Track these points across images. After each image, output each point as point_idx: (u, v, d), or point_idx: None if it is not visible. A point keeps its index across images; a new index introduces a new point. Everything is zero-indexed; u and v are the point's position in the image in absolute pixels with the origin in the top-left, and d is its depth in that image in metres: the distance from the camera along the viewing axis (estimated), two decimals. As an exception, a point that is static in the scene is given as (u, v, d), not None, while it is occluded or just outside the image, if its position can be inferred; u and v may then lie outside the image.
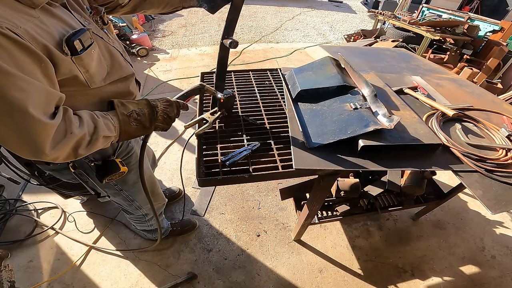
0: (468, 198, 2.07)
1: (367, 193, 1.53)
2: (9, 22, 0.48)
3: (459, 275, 1.62)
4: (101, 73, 0.70)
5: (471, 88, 1.47)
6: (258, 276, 1.54)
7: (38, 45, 0.52)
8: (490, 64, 3.14)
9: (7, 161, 1.10)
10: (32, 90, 0.50)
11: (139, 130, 0.73)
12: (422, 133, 0.96)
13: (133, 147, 1.01)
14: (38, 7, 0.56)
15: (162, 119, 0.78)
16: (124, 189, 1.07)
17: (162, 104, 0.78)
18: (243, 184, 2.05)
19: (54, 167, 0.86)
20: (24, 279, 1.45)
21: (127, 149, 0.98)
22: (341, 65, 1.27)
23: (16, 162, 1.27)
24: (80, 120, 0.60)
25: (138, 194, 1.15)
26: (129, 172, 0.98)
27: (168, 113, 0.78)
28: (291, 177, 1.07)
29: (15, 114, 0.49)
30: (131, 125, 0.70)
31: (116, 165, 0.85)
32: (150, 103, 0.75)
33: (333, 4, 8.24)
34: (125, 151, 0.97)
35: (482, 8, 6.43)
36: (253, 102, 1.25)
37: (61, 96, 0.57)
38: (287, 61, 4.09)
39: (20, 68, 0.49)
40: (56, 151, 0.55)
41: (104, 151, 0.86)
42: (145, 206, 1.25)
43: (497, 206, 0.80)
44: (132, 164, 1.01)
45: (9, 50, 0.47)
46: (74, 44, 0.57)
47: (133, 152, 1.01)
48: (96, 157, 0.86)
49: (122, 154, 0.96)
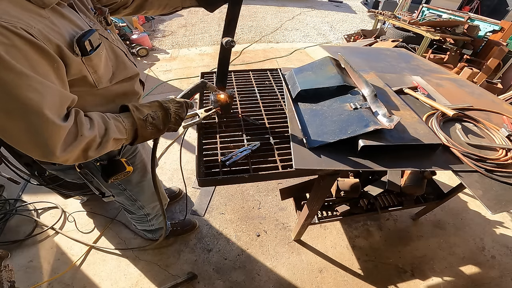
0: (468, 198, 2.07)
1: (367, 193, 1.53)
2: (23, 22, 0.48)
3: (459, 275, 1.62)
4: (107, 73, 0.70)
5: (471, 88, 1.47)
6: (258, 276, 1.54)
7: (52, 46, 0.51)
8: (490, 64, 3.14)
9: (7, 161, 1.09)
10: (46, 92, 0.49)
11: (154, 133, 0.74)
12: (422, 133, 0.96)
13: (137, 147, 1.01)
14: (48, 7, 0.55)
15: (175, 121, 0.78)
16: (128, 188, 1.07)
17: (174, 106, 0.78)
18: (243, 184, 2.05)
19: (59, 167, 0.86)
20: (24, 279, 1.45)
21: (132, 149, 0.98)
22: (341, 65, 1.27)
23: (16, 162, 1.27)
24: (91, 122, 0.60)
25: (141, 194, 1.15)
26: (133, 171, 0.98)
27: (179, 114, 0.78)
28: (291, 177, 1.07)
29: (30, 115, 0.48)
30: (147, 129, 0.71)
31: (122, 164, 0.86)
32: (163, 106, 0.75)
33: (333, 4, 8.24)
34: (130, 151, 0.98)
35: (482, 8, 6.43)
36: (253, 102, 1.25)
37: (73, 98, 0.57)
38: (287, 61, 4.09)
39: (35, 69, 0.48)
40: (66, 153, 0.55)
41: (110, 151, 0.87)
42: (148, 206, 1.25)
43: (497, 206, 0.80)
44: (136, 163, 1.01)
45: (24, 50, 0.47)
46: (84, 45, 0.58)
47: (138, 151, 1.02)
48: (102, 157, 0.85)
49: (127, 153, 0.97)
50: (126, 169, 0.86)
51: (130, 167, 0.88)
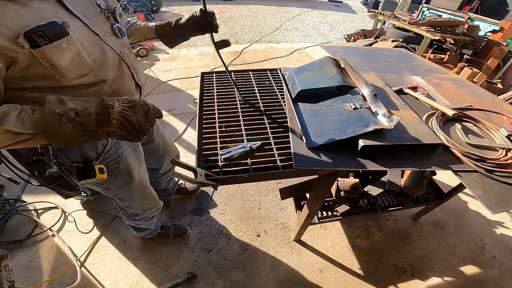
0: (468, 198, 2.07)
1: (367, 193, 1.53)
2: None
3: (459, 275, 1.62)
4: (77, 69, 0.66)
5: (471, 88, 1.47)
6: (258, 276, 1.54)
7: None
8: (490, 64, 3.14)
9: (7, 161, 1.09)
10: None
11: (78, 134, 0.59)
12: (422, 133, 0.96)
13: (122, 153, 0.97)
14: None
15: (119, 124, 0.61)
16: (111, 188, 1.06)
17: (121, 105, 0.62)
18: (243, 184, 2.05)
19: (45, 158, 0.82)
20: (24, 279, 1.45)
21: (115, 155, 0.94)
22: (341, 65, 1.27)
23: (16, 162, 1.27)
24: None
25: (128, 196, 1.14)
26: (115, 176, 0.97)
27: (127, 117, 0.61)
28: (291, 177, 1.07)
29: None
30: (62, 127, 0.57)
31: (93, 171, 0.82)
32: (104, 103, 0.61)
33: (333, 4, 8.25)
34: (113, 157, 0.93)
35: (482, 8, 6.42)
36: (253, 102, 1.25)
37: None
38: (287, 61, 4.09)
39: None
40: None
41: (86, 154, 0.84)
42: (137, 208, 1.24)
43: (497, 206, 0.80)
44: (119, 169, 0.98)
45: None
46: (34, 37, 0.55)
47: (122, 158, 0.97)
48: (77, 158, 0.83)
49: (108, 159, 0.91)
50: (97, 177, 0.81)
51: (103, 175, 0.83)
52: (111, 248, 1.63)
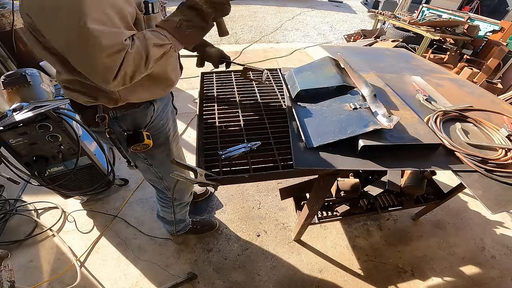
0: (468, 198, 2.07)
1: (367, 193, 1.53)
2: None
3: (459, 275, 1.62)
4: None
5: (471, 88, 1.47)
6: (258, 276, 1.54)
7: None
8: (490, 64, 3.14)
9: (7, 161, 1.10)
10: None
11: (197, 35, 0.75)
12: (422, 133, 0.96)
13: (164, 124, 1.02)
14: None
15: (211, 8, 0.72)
16: (154, 164, 1.08)
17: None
18: (243, 184, 2.05)
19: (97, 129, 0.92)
20: (24, 279, 1.45)
21: (158, 125, 0.99)
22: (341, 65, 1.27)
23: (16, 162, 1.27)
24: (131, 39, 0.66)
25: (167, 173, 1.15)
26: (157, 147, 1.01)
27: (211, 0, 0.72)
28: (291, 177, 1.07)
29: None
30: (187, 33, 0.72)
31: (141, 136, 0.89)
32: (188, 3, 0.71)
33: (333, 4, 8.25)
34: (156, 127, 0.98)
35: (482, 8, 6.43)
36: (253, 102, 1.25)
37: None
38: (287, 61, 4.09)
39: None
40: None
41: (137, 122, 0.91)
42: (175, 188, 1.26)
43: (497, 206, 0.80)
44: (160, 140, 1.02)
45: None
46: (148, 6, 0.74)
47: (164, 129, 1.02)
48: (129, 127, 0.91)
49: (153, 129, 0.97)
50: (145, 142, 0.89)
51: (150, 140, 0.91)
52: (111, 248, 1.63)
